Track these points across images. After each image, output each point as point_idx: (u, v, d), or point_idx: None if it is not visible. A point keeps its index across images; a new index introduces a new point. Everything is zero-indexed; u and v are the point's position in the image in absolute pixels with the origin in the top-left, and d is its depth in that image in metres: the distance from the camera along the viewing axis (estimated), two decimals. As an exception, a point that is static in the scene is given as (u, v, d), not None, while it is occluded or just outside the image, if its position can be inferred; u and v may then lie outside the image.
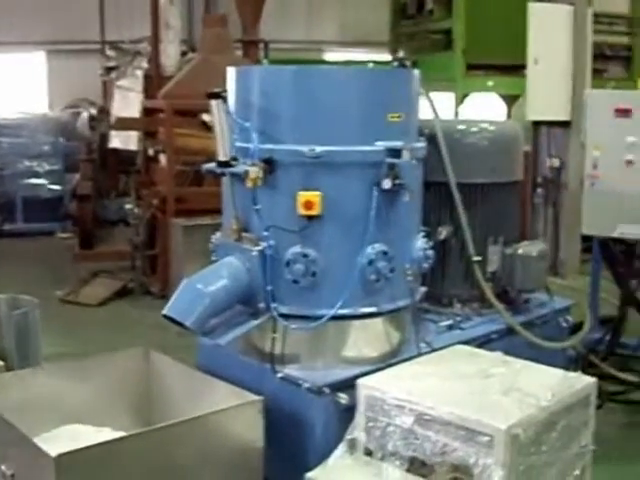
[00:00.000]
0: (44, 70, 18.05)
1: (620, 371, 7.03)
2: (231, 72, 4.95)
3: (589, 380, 4.58)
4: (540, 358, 4.87)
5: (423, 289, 5.23)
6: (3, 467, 4.12)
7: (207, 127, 8.61)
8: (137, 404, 5.14)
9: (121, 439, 4.12)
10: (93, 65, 15.93)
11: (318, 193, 4.55)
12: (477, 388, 4.30)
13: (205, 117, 9.26)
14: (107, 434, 4.61)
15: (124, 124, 11.90)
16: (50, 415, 4.74)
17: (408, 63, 4.97)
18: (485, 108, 13.72)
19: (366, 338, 4.87)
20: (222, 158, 4.72)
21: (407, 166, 4.67)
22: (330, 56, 18.99)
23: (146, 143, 10.98)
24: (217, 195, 5.24)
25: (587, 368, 6.59)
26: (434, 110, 5.41)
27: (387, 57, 14.66)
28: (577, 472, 4.43)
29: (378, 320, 4.89)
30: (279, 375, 4.72)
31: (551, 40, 10.47)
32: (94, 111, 15.70)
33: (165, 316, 4.60)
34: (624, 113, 6.80)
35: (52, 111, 16.53)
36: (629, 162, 6.79)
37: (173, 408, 4.84)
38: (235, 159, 4.71)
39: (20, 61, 17.83)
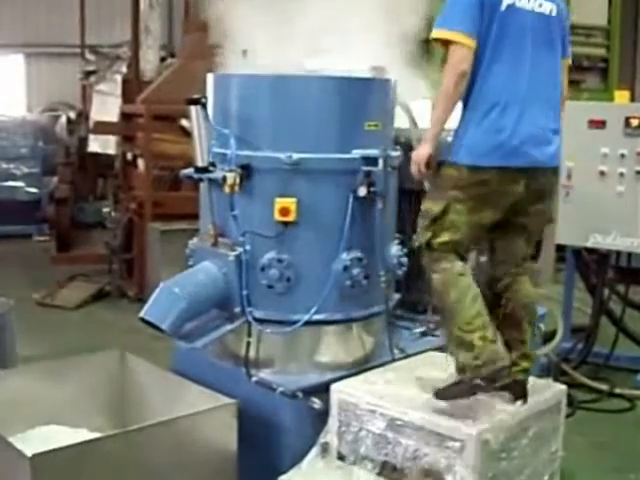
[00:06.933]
0: (22, 73, 18.01)
1: (592, 380, 7.10)
2: (210, 78, 4.99)
3: (559, 387, 4.65)
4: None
5: (397, 296, 5.28)
6: (-22, 467, 4.12)
7: (186, 132, 8.65)
8: (112, 406, 5.15)
9: (96, 440, 4.13)
10: (72, 69, 15.90)
11: (294, 200, 4.59)
12: (449, 394, 4.34)
13: (184, 122, 9.30)
14: (83, 435, 4.62)
15: (102, 128, 11.89)
16: (26, 416, 4.73)
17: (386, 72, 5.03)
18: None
19: (340, 344, 4.91)
20: (200, 164, 4.75)
21: (383, 174, 4.72)
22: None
23: (124, 147, 10.98)
24: (194, 200, 5.26)
25: (559, 376, 6.68)
26: (412, 119, 5.44)
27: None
28: (546, 478, 4.49)
29: (352, 326, 4.92)
30: (253, 379, 4.73)
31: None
32: (73, 115, 15.68)
33: (142, 319, 4.62)
34: (598, 124, 6.89)
35: (31, 114, 16.51)
36: (602, 173, 6.87)
37: (148, 410, 4.84)
38: (213, 165, 4.74)
39: (-2, 64, 17.82)
